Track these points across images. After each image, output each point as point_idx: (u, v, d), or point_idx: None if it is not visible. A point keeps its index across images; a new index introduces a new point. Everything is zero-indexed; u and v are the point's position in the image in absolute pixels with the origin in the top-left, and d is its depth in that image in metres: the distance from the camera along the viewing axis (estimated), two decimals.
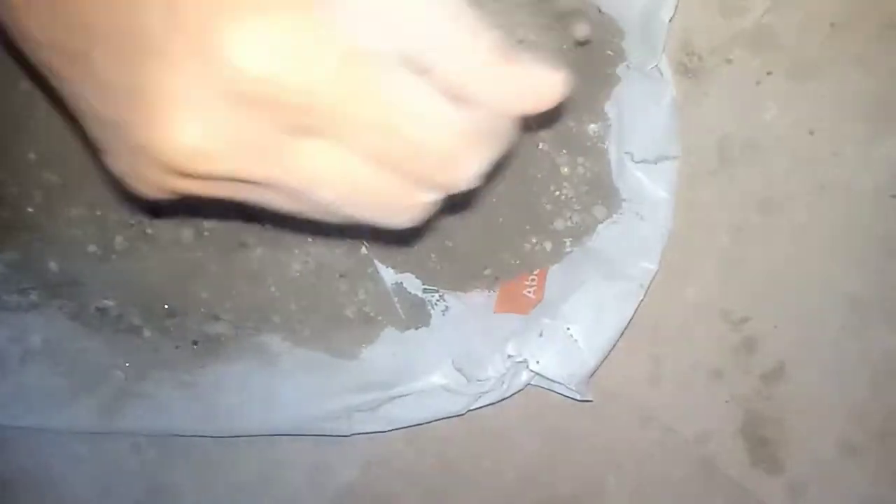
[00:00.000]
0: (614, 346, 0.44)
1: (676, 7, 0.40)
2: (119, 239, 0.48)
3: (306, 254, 0.50)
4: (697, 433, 0.50)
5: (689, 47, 0.44)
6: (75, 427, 0.52)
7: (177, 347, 0.51)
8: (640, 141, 0.44)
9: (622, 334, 0.44)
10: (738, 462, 0.50)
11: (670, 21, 0.40)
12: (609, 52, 0.43)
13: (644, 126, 0.44)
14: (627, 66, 0.43)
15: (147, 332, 0.51)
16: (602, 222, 0.47)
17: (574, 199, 0.47)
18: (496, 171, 0.41)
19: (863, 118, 0.45)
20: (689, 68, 0.45)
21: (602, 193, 0.47)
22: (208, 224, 0.49)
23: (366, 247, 0.49)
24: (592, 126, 0.45)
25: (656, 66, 0.42)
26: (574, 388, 0.42)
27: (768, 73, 0.44)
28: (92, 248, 0.49)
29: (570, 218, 0.48)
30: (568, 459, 0.52)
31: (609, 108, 0.45)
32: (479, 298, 0.50)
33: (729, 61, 0.44)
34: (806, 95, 0.44)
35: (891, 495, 0.50)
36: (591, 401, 0.45)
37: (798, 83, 0.44)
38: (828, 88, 0.44)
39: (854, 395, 0.49)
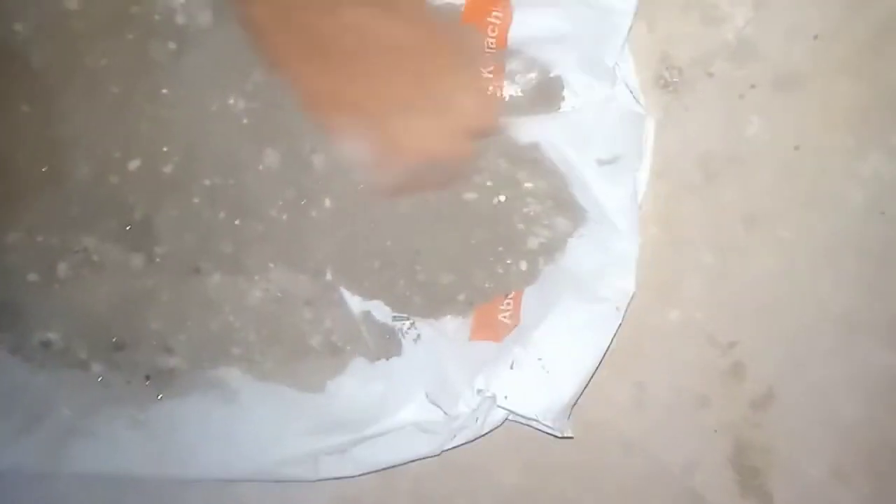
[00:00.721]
0: (592, 376, 0.41)
1: (629, 34, 0.39)
2: (62, 266, 0.45)
3: (267, 280, 0.46)
4: (684, 463, 0.48)
5: (668, 60, 0.43)
6: (19, 468, 0.48)
7: (128, 383, 0.48)
8: (594, 147, 0.42)
9: (600, 363, 0.41)
10: (726, 493, 0.48)
11: (623, 45, 0.39)
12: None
13: (596, 133, 0.42)
14: (576, 102, 0.42)
15: (95, 367, 0.48)
16: (570, 236, 0.44)
17: (542, 214, 0.45)
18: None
19: (849, 131, 0.43)
20: (669, 82, 0.43)
21: (564, 205, 0.44)
22: (160, 249, 0.45)
23: (330, 272, 0.46)
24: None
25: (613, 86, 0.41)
26: (550, 424, 0.39)
27: (752, 86, 0.42)
28: (32, 276, 0.45)
29: (541, 234, 0.45)
30: (548, 493, 0.49)
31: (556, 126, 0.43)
32: (453, 325, 0.47)
33: (710, 74, 0.43)
34: (790, 108, 0.43)
35: None
36: (571, 437, 0.42)
37: (782, 96, 0.42)
38: (812, 101, 0.43)
39: (845, 418, 0.47)
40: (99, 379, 0.48)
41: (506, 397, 0.39)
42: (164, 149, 0.44)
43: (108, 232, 0.44)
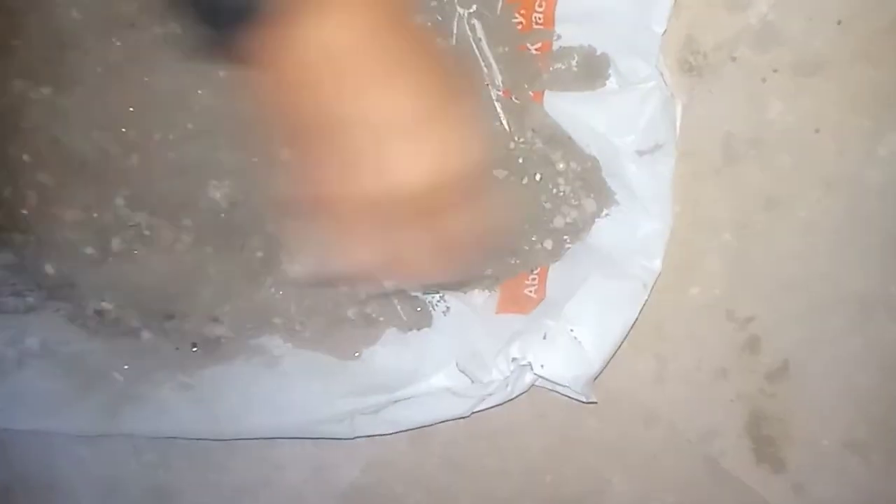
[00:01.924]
0: (619, 347, 0.43)
1: (669, 19, 0.40)
2: (116, 241, 0.48)
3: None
4: (702, 432, 0.50)
5: (693, 45, 0.44)
6: (74, 430, 0.51)
7: (176, 349, 0.51)
8: (634, 133, 0.44)
9: (627, 335, 0.43)
10: (743, 461, 0.50)
11: (664, 33, 0.40)
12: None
13: (637, 121, 0.43)
14: (619, 80, 0.43)
15: (146, 335, 0.51)
16: (597, 216, 0.46)
17: (571, 195, 0.47)
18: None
19: (868, 114, 0.44)
20: (694, 66, 0.44)
21: (593, 187, 0.46)
22: (207, 226, 0.48)
23: None
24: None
25: (655, 70, 0.42)
26: (579, 391, 0.42)
27: (774, 71, 0.44)
28: (88, 250, 0.48)
29: (569, 214, 0.47)
30: (573, 459, 0.52)
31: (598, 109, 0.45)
32: (480, 299, 0.49)
33: (734, 59, 0.44)
34: (812, 92, 0.44)
35: None
36: (595, 402, 0.44)
37: (804, 80, 0.44)
38: (833, 85, 0.44)
39: (858, 391, 0.49)
40: (149, 346, 0.51)
41: (542, 366, 0.42)
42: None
43: (160, 209, 0.47)
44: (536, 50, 0.45)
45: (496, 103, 0.46)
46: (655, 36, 0.40)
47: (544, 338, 0.42)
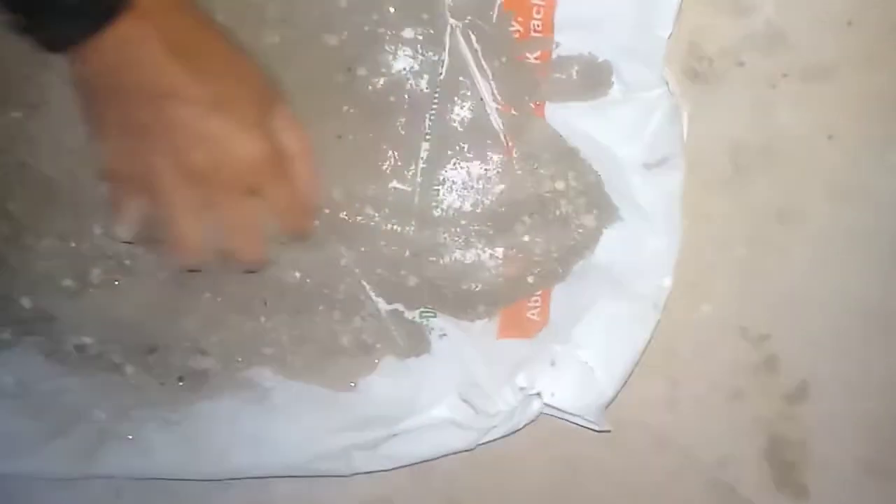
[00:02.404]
0: (631, 372, 0.41)
1: (675, 22, 0.38)
2: (96, 271, 0.45)
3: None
4: (718, 458, 0.47)
5: (698, 51, 0.42)
6: (51, 473, 0.48)
7: (161, 384, 0.48)
8: (640, 145, 0.42)
9: (639, 359, 0.41)
10: (761, 487, 0.48)
11: (669, 37, 0.38)
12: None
13: (643, 133, 0.42)
14: (623, 89, 0.41)
15: (129, 369, 0.48)
16: (598, 232, 0.44)
17: (572, 214, 0.45)
18: None
19: (881, 120, 0.42)
20: (699, 73, 0.42)
21: (596, 203, 0.44)
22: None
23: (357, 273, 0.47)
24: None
25: (660, 77, 0.40)
26: (591, 420, 0.39)
27: (783, 76, 0.42)
28: (66, 281, 0.46)
29: (575, 232, 0.45)
30: (580, 490, 0.49)
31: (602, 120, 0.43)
32: (479, 324, 0.47)
33: (741, 64, 0.42)
34: (822, 98, 0.42)
35: None
36: (608, 431, 0.42)
37: (814, 85, 0.42)
38: (845, 90, 0.42)
39: (880, 412, 0.47)
40: (132, 381, 0.48)
41: (552, 394, 0.39)
42: None
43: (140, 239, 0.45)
44: (535, 59, 0.43)
45: (493, 117, 0.44)
46: (660, 41, 0.38)
47: (552, 364, 0.40)
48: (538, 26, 0.42)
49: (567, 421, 0.45)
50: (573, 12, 0.41)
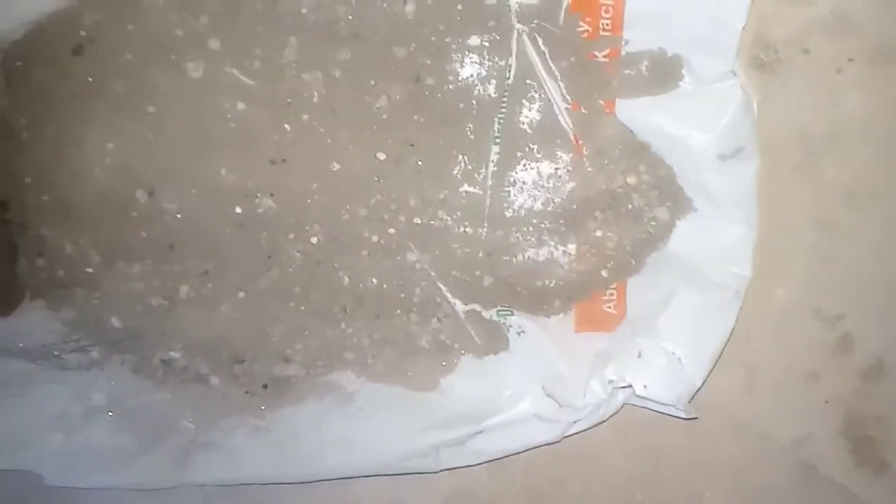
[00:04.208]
0: (718, 360, 0.42)
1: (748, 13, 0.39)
2: (184, 289, 0.47)
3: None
4: (796, 438, 0.48)
5: (763, 40, 0.43)
6: (144, 484, 0.50)
7: (246, 393, 0.50)
8: (714, 136, 0.43)
9: (724, 347, 0.42)
10: (841, 464, 0.48)
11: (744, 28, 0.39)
12: None
13: (717, 124, 0.42)
14: (694, 81, 0.42)
15: (214, 380, 0.49)
16: (672, 224, 0.45)
17: (644, 207, 0.45)
18: None
19: None
20: (766, 62, 0.43)
21: (669, 195, 0.45)
22: (275, 272, 0.47)
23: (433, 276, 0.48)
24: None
25: (731, 68, 0.41)
26: (682, 409, 0.40)
27: (849, 60, 0.42)
28: (156, 300, 0.47)
29: (648, 224, 0.46)
30: (661, 477, 0.50)
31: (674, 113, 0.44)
32: (555, 319, 0.48)
33: (806, 51, 0.43)
34: (891, 81, 0.42)
35: None
36: (696, 418, 0.43)
37: (881, 68, 0.42)
38: None
39: None
40: (219, 392, 0.49)
41: (645, 386, 0.40)
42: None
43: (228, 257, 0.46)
44: (604, 57, 0.43)
45: (562, 117, 0.45)
46: (734, 31, 0.39)
47: (640, 357, 0.41)
48: (608, 25, 0.42)
49: (648, 409, 0.46)
50: (642, 9, 0.42)
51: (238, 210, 0.46)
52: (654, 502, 0.50)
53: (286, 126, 0.45)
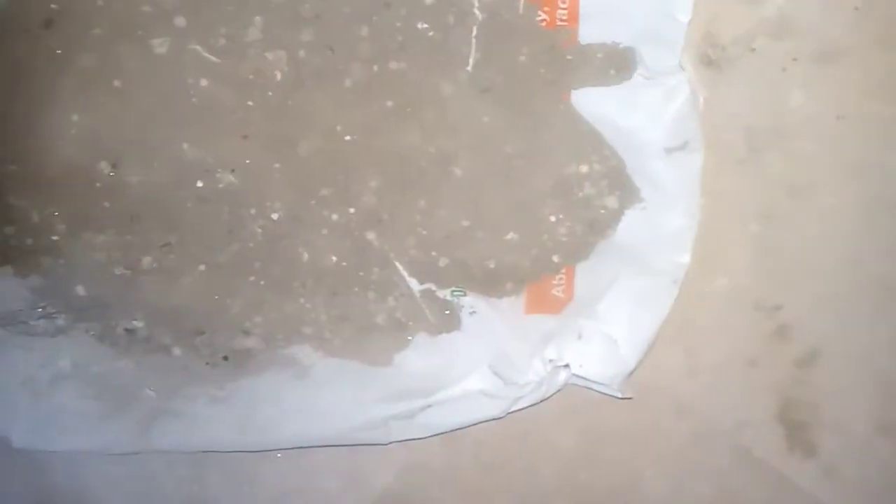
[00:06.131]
0: (653, 344, 0.43)
1: (694, 8, 0.40)
2: (147, 260, 0.48)
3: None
4: (734, 422, 0.50)
5: (712, 39, 0.44)
6: (109, 449, 0.51)
7: (207, 364, 0.51)
8: (661, 130, 0.44)
9: (658, 331, 0.43)
10: (775, 448, 0.50)
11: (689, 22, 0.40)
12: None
13: (664, 117, 0.44)
14: (644, 74, 0.43)
15: (176, 351, 0.51)
16: (620, 213, 0.47)
17: (594, 196, 0.47)
18: None
19: (889, 100, 0.45)
20: (714, 60, 0.44)
21: (618, 185, 0.47)
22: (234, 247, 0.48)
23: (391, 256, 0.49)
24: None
25: (676, 63, 0.43)
26: (616, 388, 0.42)
27: (794, 60, 0.44)
28: (119, 269, 0.48)
29: (598, 212, 0.47)
30: (604, 455, 0.52)
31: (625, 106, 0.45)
32: (506, 301, 0.50)
33: (752, 50, 0.44)
34: (832, 80, 0.44)
35: None
36: (631, 398, 0.45)
37: (823, 68, 0.44)
38: (853, 72, 0.44)
39: (887, 375, 0.50)
40: (181, 362, 0.51)
41: (580, 366, 0.42)
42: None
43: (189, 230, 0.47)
44: (561, 48, 0.45)
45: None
46: (680, 25, 0.41)
47: (579, 338, 0.43)
48: (564, 16, 0.44)
49: (591, 390, 0.47)
50: (597, 1, 0.43)
51: (199, 184, 0.47)
52: (598, 478, 0.52)
53: (249, 103, 0.47)
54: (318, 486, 0.54)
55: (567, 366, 0.43)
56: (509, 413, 0.47)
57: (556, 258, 0.48)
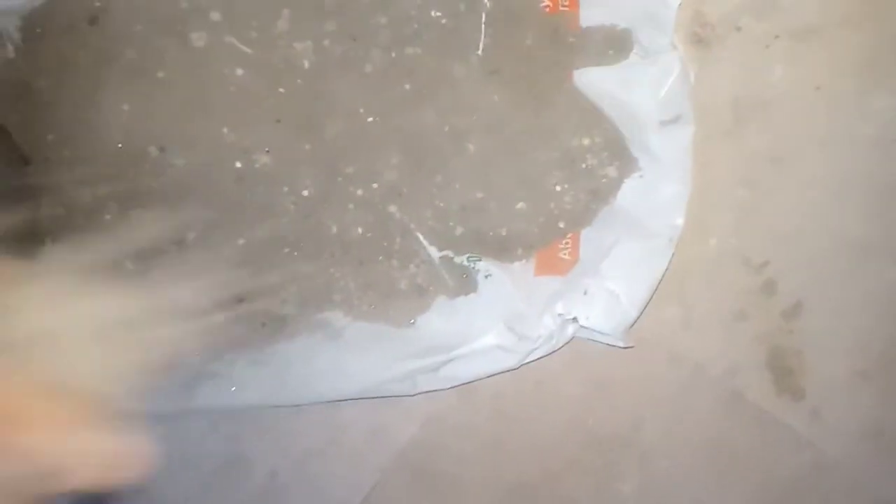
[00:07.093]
0: (651, 297, 0.48)
1: None
2: (191, 235, 0.53)
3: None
4: (726, 369, 0.55)
5: (701, 18, 0.49)
6: (158, 410, 0.56)
7: (247, 329, 0.56)
8: (655, 104, 0.49)
9: (657, 286, 0.48)
10: (764, 392, 0.55)
11: (679, 5, 0.45)
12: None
13: (659, 93, 0.48)
14: (639, 54, 0.48)
15: (218, 317, 0.55)
16: (620, 181, 0.51)
17: (597, 166, 0.52)
18: None
19: (859, 74, 0.49)
20: (703, 38, 0.49)
21: (617, 156, 0.51)
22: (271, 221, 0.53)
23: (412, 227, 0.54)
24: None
25: (671, 42, 0.47)
26: (618, 338, 0.47)
27: (776, 37, 0.48)
28: (165, 245, 0.53)
29: (595, 183, 0.52)
30: (607, 402, 0.57)
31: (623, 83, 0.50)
32: (518, 265, 0.54)
33: (738, 29, 0.49)
34: (810, 55, 0.49)
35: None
36: (632, 347, 0.50)
37: (803, 45, 0.48)
38: (830, 48, 0.48)
39: (862, 326, 0.55)
40: (223, 328, 0.56)
41: (587, 318, 0.47)
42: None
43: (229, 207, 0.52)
44: (564, 31, 0.49)
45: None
46: (672, 9, 0.45)
47: (585, 294, 0.48)
48: (566, 2, 0.48)
49: (596, 342, 0.52)
50: None
51: (238, 165, 0.52)
52: (603, 424, 0.58)
53: (281, 90, 0.51)
54: (348, 438, 0.59)
55: (575, 319, 0.48)
56: (523, 364, 0.52)
57: (561, 224, 0.53)
